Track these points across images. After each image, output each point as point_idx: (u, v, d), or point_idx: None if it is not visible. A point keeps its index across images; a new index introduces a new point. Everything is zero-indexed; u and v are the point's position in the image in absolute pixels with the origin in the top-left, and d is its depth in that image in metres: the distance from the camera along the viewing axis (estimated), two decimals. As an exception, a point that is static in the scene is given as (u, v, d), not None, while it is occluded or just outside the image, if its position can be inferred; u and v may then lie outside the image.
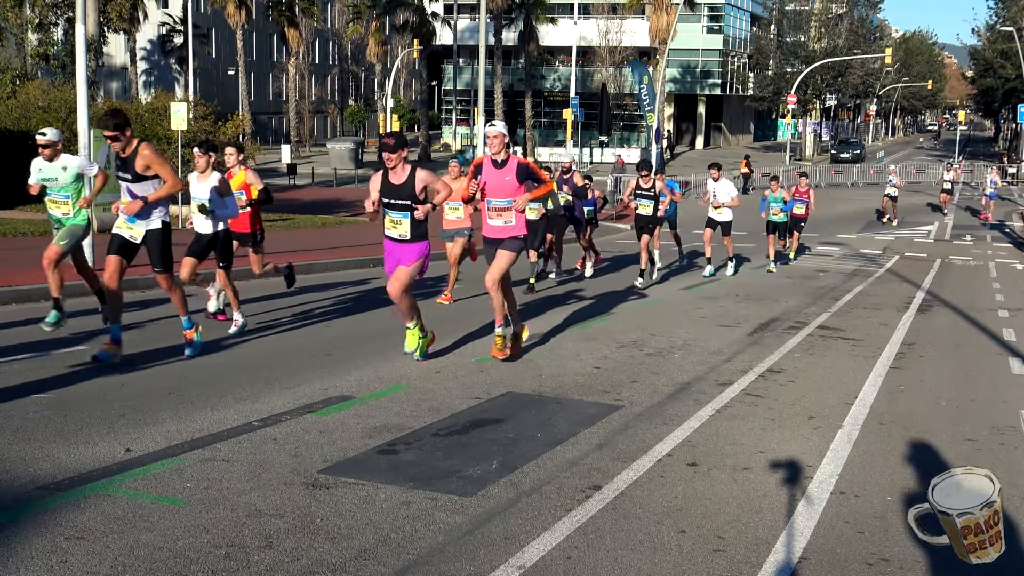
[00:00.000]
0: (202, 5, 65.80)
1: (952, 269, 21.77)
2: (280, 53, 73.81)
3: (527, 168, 9.17)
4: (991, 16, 75.55)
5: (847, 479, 6.14)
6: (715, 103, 78.54)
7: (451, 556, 4.69)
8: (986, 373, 10.04)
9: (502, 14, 60.19)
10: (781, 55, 71.20)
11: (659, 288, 16.44)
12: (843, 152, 69.31)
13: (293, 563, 4.52)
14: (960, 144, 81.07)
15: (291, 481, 5.62)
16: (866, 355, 10.53)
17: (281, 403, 7.32)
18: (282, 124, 74.20)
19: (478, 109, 32.62)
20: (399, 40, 68.14)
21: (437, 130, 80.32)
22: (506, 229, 9.13)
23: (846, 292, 16.41)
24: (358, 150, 48.80)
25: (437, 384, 8.22)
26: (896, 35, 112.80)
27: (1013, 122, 69.20)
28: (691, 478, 6.06)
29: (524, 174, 9.06)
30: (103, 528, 4.80)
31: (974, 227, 34.45)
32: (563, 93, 67.49)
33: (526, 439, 6.71)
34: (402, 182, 8.38)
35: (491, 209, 9.18)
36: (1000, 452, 6.98)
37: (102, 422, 6.59)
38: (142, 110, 27.58)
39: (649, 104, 46.78)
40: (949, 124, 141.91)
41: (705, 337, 11.23)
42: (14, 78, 33.56)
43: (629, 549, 4.89)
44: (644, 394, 8.22)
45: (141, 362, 8.60)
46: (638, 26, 63.48)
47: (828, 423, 7.52)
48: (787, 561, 4.83)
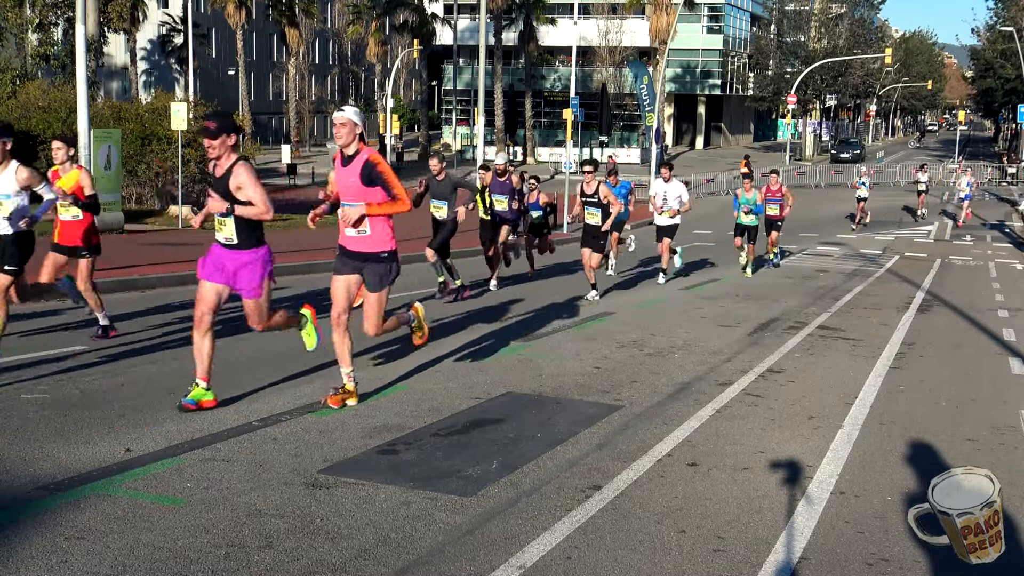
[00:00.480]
0: (202, 5, 65.79)
1: (952, 269, 21.77)
2: (280, 53, 73.82)
3: (372, 170, 7.06)
4: (991, 16, 75.62)
5: (847, 479, 6.14)
6: (715, 103, 78.55)
7: (451, 556, 4.69)
8: (986, 373, 10.04)
9: (502, 14, 60.20)
10: (781, 55, 71.23)
11: (658, 288, 16.44)
12: (843, 152, 69.36)
13: (293, 563, 4.52)
14: (960, 144, 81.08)
15: (291, 481, 5.62)
16: (866, 355, 10.53)
17: (281, 403, 7.32)
18: (282, 124, 74.22)
19: (478, 109, 32.61)
20: (399, 40, 68.14)
21: (437, 130, 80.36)
22: (363, 242, 7.17)
23: (846, 292, 16.41)
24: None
25: (437, 384, 8.22)
26: (896, 35, 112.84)
27: (1013, 122, 69.20)
28: (691, 478, 6.06)
29: (368, 176, 7.05)
30: (103, 528, 4.80)
31: (974, 227, 34.44)
32: (563, 93, 67.45)
33: (526, 439, 6.71)
34: (220, 176, 6.85)
35: None
36: (1000, 452, 6.98)
37: (102, 422, 6.59)
38: (142, 110, 27.56)
39: (649, 104, 46.79)
40: (949, 124, 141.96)
41: (705, 337, 11.23)
42: (14, 78, 33.54)
43: (629, 549, 4.89)
44: (644, 394, 8.22)
45: (141, 362, 8.60)
46: (638, 26, 63.50)
47: (828, 423, 7.52)
48: (787, 561, 4.83)
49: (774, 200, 19.72)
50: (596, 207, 13.84)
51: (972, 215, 35.63)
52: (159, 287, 13.35)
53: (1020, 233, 31.79)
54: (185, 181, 24.98)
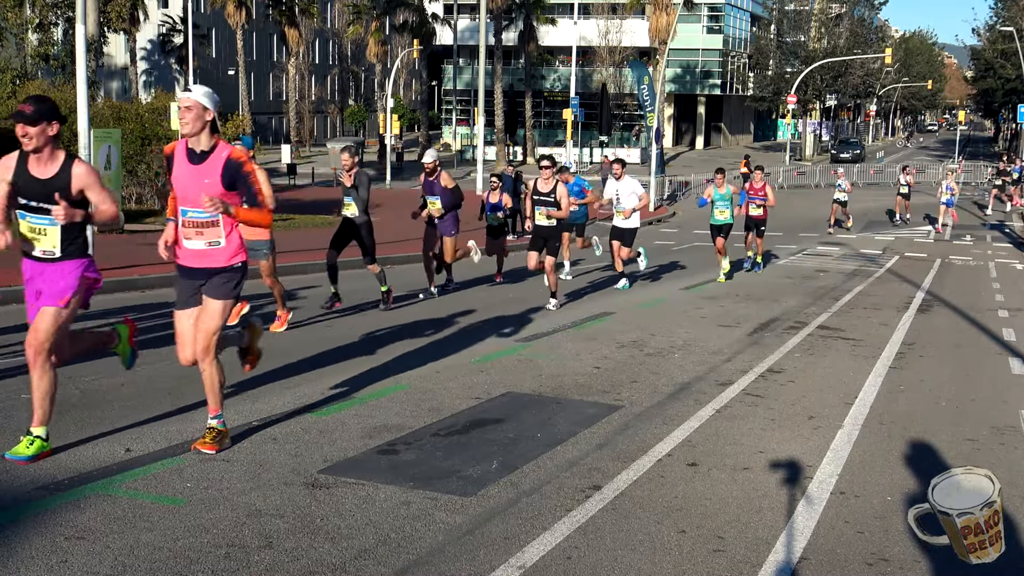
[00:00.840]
0: (202, 5, 65.81)
1: (952, 269, 21.77)
2: (280, 53, 73.84)
3: (238, 170, 5.81)
4: (991, 16, 75.67)
5: (847, 479, 6.14)
6: (715, 103, 78.56)
7: (451, 556, 4.69)
8: (986, 373, 10.04)
9: (502, 14, 60.20)
10: (781, 55, 71.22)
11: (658, 288, 16.44)
12: (843, 152, 69.33)
13: (293, 563, 4.52)
14: (960, 144, 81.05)
15: (291, 481, 5.62)
16: (866, 355, 10.53)
17: (281, 403, 7.32)
18: (282, 124, 74.22)
19: (478, 109, 32.67)
20: (399, 40, 68.13)
21: (437, 130, 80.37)
22: (210, 256, 5.94)
23: (846, 292, 16.41)
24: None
25: (437, 384, 8.22)
26: (896, 35, 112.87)
27: (1013, 122, 69.19)
28: (691, 478, 6.06)
29: (232, 177, 5.80)
30: (103, 528, 4.80)
31: (974, 227, 34.42)
32: (563, 93, 67.51)
33: (526, 439, 6.71)
34: (47, 178, 5.57)
35: (186, 224, 5.92)
36: (1000, 452, 6.98)
37: (102, 422, 6.59)
38: (142, 110, 27.56)
39: (650, 104, 46.80)
40: (949, 124, 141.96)
41: (705, 337, 11.23)
42: (14, 78, 33.55)
43: (629, 549, 4.89)
44: (644, 394, 8.22)
45: (141, 362, 8.59)
46: (638, 26, 63.49)
47: (828, 423, 7.52)
48: (787, 561, 4.83)
49: (757, 199, 18.35)
50: (551, 207, 12.80)
51: (958, 217, 33.55)
52: (159, 287, 13.35)
53: (1020, 233, 31.78)
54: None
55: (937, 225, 31.42)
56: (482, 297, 14.34)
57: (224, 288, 5.96)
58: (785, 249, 24.52)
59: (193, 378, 7.70)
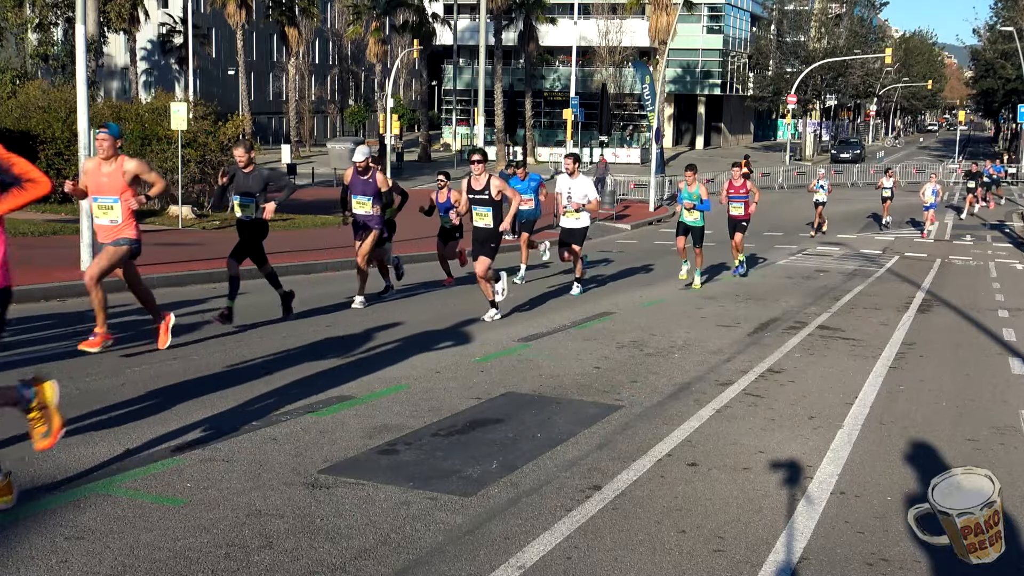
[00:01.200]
0: (202, 5, 65.81)
1: (952, 269, 21.76)
2: (280, 53, 73.82)
3: None
4: (992, 16, 75.64)
5: (847, 479, 6.14)
6: (715, 103, 78.55)
7: (451, 556, 4.69)
8: (986, 373, 10.04)
9: (502, 14, 60.20)
10: (781, 55, 71.25)
11: (658, 288, 16.43)
12: (843, 152, 69.36)
13: (293, 563, 4.52)
14: (960, 144, 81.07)
15: (291, 481, 5.62)
16: (866, 355, 10.53)
17: (281, 403, 7.32)
18: (282, 124, 74.22)
19: (478, 109, 32.67)
20: (399, 40, 68.13)
21: (437, 130, 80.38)
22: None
23: (846, 292, 16.41)
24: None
25: (437, 384, 8.22)
26: (896, 35, 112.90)
27: (1013, 122, 69.20)
28: (691, 478, 6.06)
29: None
30: (103, 528, 4.80)
31: (974, 227, 34.42)
32: (563, 93, 67.50)
33: (526, 439, 6.71)
34: None
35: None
36: (1000, 452, 6.98)
37: (102, 422, 6.59)
38: (142, 110, 27.56)
39: (651, 104, 46.83)
40: (949, 124, 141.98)
41: (705, 337, 11.23)
42: (14, 78, 33.56)
43: (629, 549, 4.89)
44: (644, 394, 8.22)
45: (141, 362, 8.60)
46: (638, 26, 63.50)
47: (828, 423, 7.52)
48: (787, 561, 4.83)
49: (738, 197, 17.42)
50: (486, 206, 11.46)
51: (926, 232, 31.28)
52: (159, 287, 13.34)
53: (1020, 233, 31.78)
54: (185, 181, 24.98)
55: (923, 231, 30.81)
56: (480, 299, 14.30)
57: None
58: (785, 249, 24.51)
59: (193, 378, 7.72)
